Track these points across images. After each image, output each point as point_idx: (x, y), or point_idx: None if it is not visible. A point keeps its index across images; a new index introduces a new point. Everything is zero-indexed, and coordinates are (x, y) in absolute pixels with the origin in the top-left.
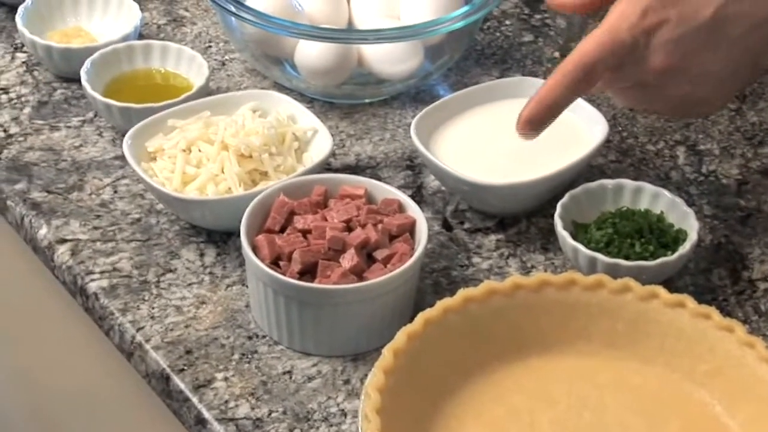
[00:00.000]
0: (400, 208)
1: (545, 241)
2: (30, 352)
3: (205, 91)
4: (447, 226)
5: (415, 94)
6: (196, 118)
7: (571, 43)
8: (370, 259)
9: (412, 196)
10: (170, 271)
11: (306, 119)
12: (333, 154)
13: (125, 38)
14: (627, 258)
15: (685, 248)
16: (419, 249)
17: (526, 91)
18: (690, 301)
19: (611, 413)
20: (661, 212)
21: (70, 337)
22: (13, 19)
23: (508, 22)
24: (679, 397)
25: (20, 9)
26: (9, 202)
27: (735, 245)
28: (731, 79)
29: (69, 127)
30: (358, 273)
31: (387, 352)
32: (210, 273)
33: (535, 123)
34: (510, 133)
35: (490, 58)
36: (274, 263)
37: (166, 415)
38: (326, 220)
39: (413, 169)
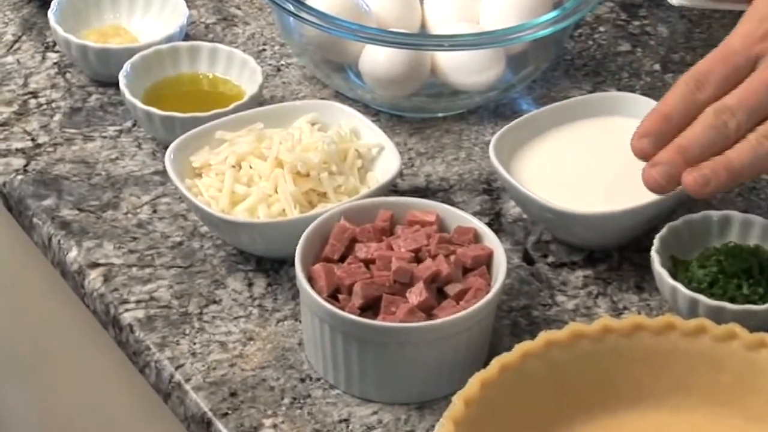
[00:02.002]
0: (476, 238)
1: (640, 279)
2: (54, 388)
3: (257, 100)
4: (528, 260)
5: (494, 109)
6: (248, 131)
7: (673, 55)
8: (441, 295)
9: (490, 225)
10: (214, 302)
11: (371, 134)
12: (401, 175)
13: (169, 39)
14: (733, 301)
15: None
16: (496, 284)
17: (622, 107)
18: None
19: None
20: None
21: (99, 373)
22: (45, 15)
23: (602, 29)
24: None
25: (53, 4)
26: (36, 220)
27: None
28: None
29: (104, 137)
30: (426, 310)
31: (457, 401)
32: (259, 306)
33: (650, 135)
34: (602, 155)
35: (581, 69)
36: (332, 296)
37: None
38: (392, 249)
39: (491, 194)
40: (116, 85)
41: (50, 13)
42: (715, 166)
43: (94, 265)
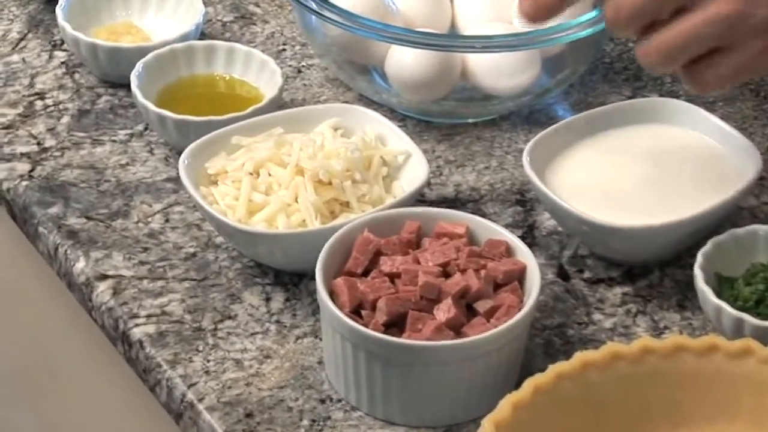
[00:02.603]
0: (508, 252)
1: (682, 297)
2: (59, 406)
3: (277, 103)
4: (563, 275)
5: (528, 115)
6: (266, 136)
7: None
8: (471, 312)
9: (523, 237)
10: (230, 317)
11: (397, 141)
12: (428, 184)
13: (184, 37)
14: None
15: None
16: (529, 301)
17: (664, 114)
18: None
19: None
20: None
21: (107, 391)
22: (53, 11)
23: None
24: None
25: (61, 0)
26: (41, 229)
27: None
28: None
29: (114, 141)
30: (455, 327)
31: (487, 425)
32: (277, 321)
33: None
34: (643, 165)
35: (621, 73)
36: (355, 312)
37: None
38: (419, 262)
39: (524, 205)
40: (127, 86)
41: (58, 10)
42: None
43: (103, 277)
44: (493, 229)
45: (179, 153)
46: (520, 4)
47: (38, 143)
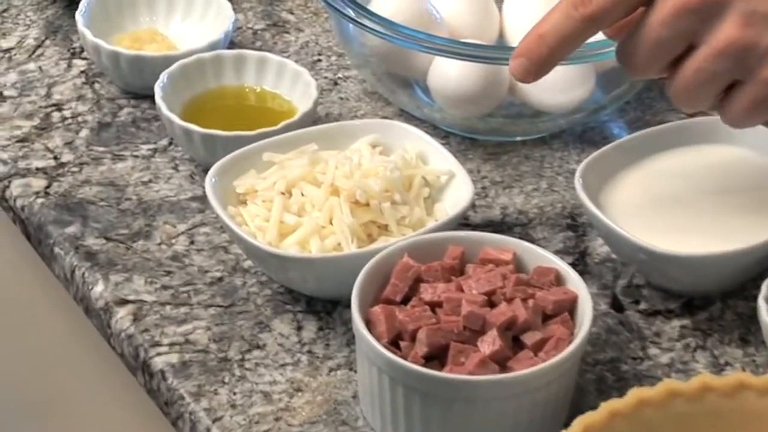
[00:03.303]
0: (558, 280)
1: (745, 331)
2: None
3: (311, 118)
4: (617, 306)
5: (581, 133)
6: (299, 153)
7: None
8: (517, 344)
9: (574, 265)
10: (258, 347)
11: (440, 159)
12: (473, 206)
13: (212, 46)
14: None
15: None
16: (581, 334)
17: (727, 134)
18: None
19: None
20: None
21: (126, 425)
22: (72, 16)
23: None
24: None
25: (81, 5)
26: (57, 250)
27: None
28: None
29: (136, 156)
30: (500, 361)
31: None
32: (309, 352)
33: (532, 57)
34: (704, 189)
35: None
36: (393, 343)
37: None
38: (462, 290)
39: (576, 230)
40: (151, 97)
41: (78, 15)
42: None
43: (123, 302)
44: (542, 256)
45: (206, 170)
46: (510, 63)
47: (55, 158)
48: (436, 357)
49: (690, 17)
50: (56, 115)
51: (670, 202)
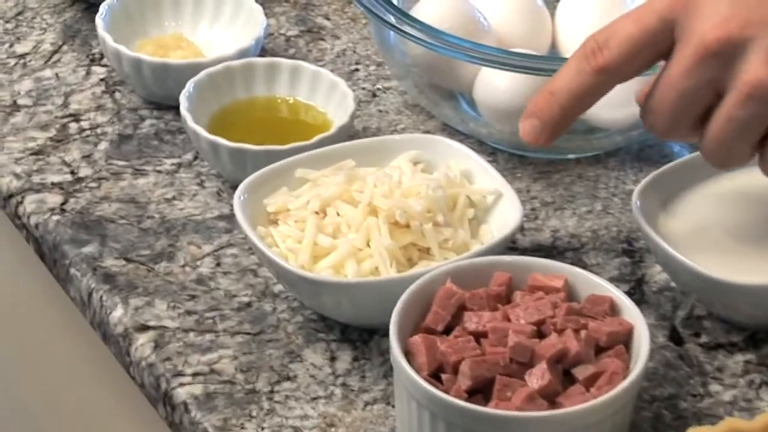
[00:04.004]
0: (613, 310)
1: None
2: None
3: (348, 132)
4: (676, 339)
5: (639, 151)
6: (335, 169)
7: None
8: (568, 379)
9: (630, 294)
10: (288, 378)
11: (486, 178)
12: (521, 229)
13: (242, 53)
14: None
15: None
16: (637, 368)
17: None
18: None
19: None
20: None
21: None
22: (91, 20)
23: None
24: None
25: (102, 7)
26: (73, 271)
27: None
28: None
29: (159, 171)
30: (549, 396)
31: None
32: (343, 384)
33: (543, 117)
34: None
35: None
36: (434, 376)
37: None
38: (509, 320)
39: (632, 256)
40: (176, 108)
41: (98, 19)
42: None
43: (144, 327)
44: (595, 283)
45: (234, 187)
46: (520, 123)
47: (72, 172)
48: (481, 391)
49: (713, 62)
50: (73, 126)
51: (735, 226)
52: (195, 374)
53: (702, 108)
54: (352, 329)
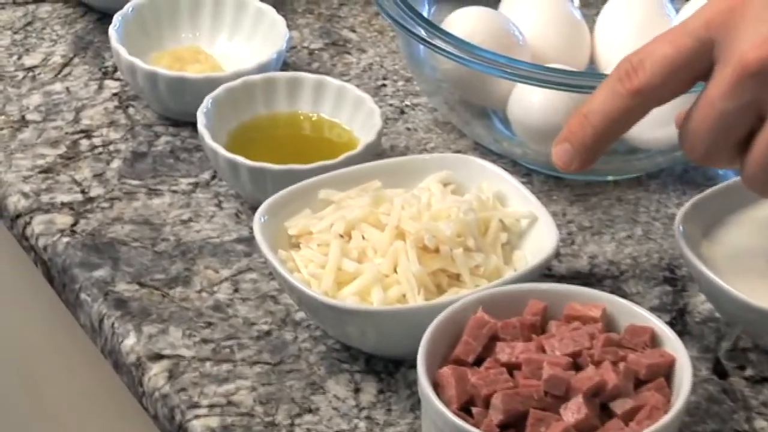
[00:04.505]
0: (653, 341)
1: None
2: None
3: (374, 151)
4: (720, 372)
5: (682, 173)
6: (361, 190)
7: None
8: (606, 413)
9: (672, 324)
10: (310, 411)
11: (520, 201)
12: (557, 255)
13: (263, 67)
14: None
15: None
16: (678, 402)
17: None
18: None
19: None
20: None
21: None
22: (105, 31)
23: None
24: None
25: (116, 18)
26: (83, 296)
27: None
28: None
29: (175, 191)
30: (586, 431)
31: None
32: (367, 418)
33: (576, 142)
34: None
35: None
36: (464, 409)
37: None
38: (544, 351)
39: (675, 284)
40: (193, 125)
41: (111, 30)
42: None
43: (157, 356)
44: (635, 313)
45: (254, 208)
46: (553, 149)
47: (83, 191)
48: (513, 426)
49: (754, 83)
50: (85, 143)
51: None
52: (211, 406)
53: (743, 132)
54: (377, 360)
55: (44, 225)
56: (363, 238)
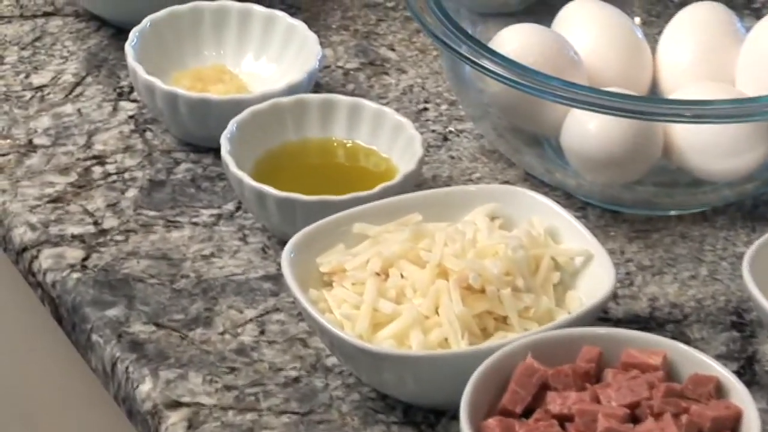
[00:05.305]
0: (719, 392)
1: None
2: None
3: (414, 181)
4: None
5: (752, 208)
6: (400, 224)
7: None
8: None
9: (739, 374)
10: None
11: (574, 237)
12: (614, 297)
13: (293, 89)
14: None
15: None
16: None
17: None
18: None
19: None
20: None
21: None
22: (120, 48)
23: None
24: None
25: (132, 33)
26: (95, 337)
27: None
28: None
29: (195, 223)
30: None
31: None
32: None
33: None
34: None
35: None
36: None
37: None
38: (599, 401)
39: (742, 330)
40: (216, 151)
41: (127, 47)
42: None
43: (176, 404)
44: (699, 361)
45: (282, 243)
46: None
47: (95, 223)
48: None
49: None
50: (98, 171)
51: None
52: None
53: None
54: (416, 410)
55: (53, 259)
56: (401, 276)
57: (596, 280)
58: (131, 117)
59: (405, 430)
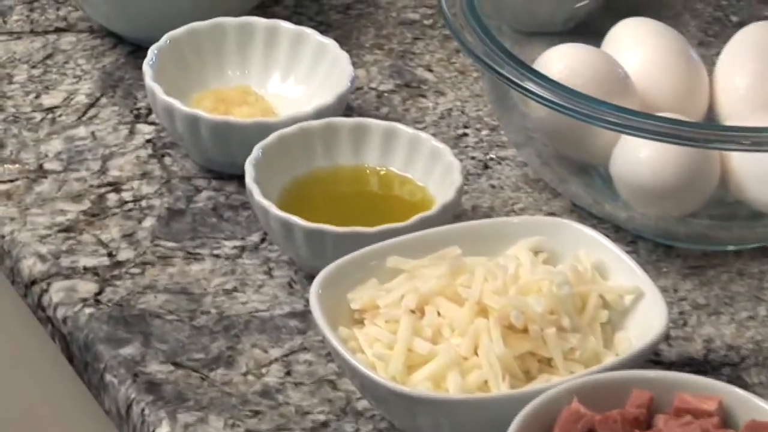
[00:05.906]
0: None
1: None
2: None
3: (453, 212)
4: None
5: None
6: (437, 258)
7: None
8: None
9: None
10: None
11: (624, 273)
12: (667, 338)
13: (323, 112)
14: None
15: None
16: None
17: None
18: None
19: None
20: None
21: None
22: (137, 66)
23: None
24: None
25: (151, 51)
26: (109, 377)
27: None
28: None
29: (217, 256)
30: None
31: None
32: None
33: None
34: None
35: None
36: None
37: None
38: None
39: None
40: (239, 178)
41: (145, 66)
42: None
43: None
44: (757, 407)
45: (310, 277)
46: None
47: (110, 254)
48: None
49: None
50: (112, 198)
51: None
52: None
53: None
54: None
55: (64, 293)
56: (438, 314)
57: (647, 319)
58: (149, 141)
59: None
